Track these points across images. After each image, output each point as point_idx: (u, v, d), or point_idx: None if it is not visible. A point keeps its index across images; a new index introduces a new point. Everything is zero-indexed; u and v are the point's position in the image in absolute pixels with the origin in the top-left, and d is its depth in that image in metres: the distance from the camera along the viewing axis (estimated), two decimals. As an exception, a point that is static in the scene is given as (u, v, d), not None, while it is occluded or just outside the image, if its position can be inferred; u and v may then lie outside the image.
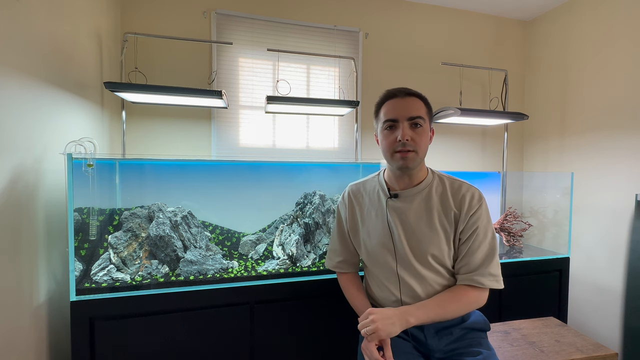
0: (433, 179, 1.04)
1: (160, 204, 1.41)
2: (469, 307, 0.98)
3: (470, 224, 0.98)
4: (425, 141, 0.98)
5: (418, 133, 0.96)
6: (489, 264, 0.97)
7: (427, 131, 0.99)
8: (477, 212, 0.99)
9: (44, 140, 1.17)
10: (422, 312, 0.93)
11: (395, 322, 0.89)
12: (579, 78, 2.27)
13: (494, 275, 0.97)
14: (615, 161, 2.04)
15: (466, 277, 0.98)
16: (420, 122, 0.96)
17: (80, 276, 1.22)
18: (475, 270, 0.97)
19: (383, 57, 2.39)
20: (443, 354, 1.00)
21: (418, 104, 0.98)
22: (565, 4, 2.37)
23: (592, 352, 1.18)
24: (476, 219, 0.98)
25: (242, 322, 1.27)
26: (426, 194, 1.02)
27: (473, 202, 0.99)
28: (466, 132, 2.60)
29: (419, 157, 0.97)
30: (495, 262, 0.98)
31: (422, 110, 0.98)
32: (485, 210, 1.01)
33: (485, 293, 0.99)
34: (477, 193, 1.01)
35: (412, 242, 1.01)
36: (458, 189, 1.01)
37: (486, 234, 0.99)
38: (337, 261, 1.17)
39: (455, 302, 0.96)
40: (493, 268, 0.97)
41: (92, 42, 1.59)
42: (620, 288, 1.99)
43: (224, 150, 2.12)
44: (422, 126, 0.96)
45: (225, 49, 2.09)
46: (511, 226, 1.94)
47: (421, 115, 0.96)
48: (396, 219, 1.02)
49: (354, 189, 1.16)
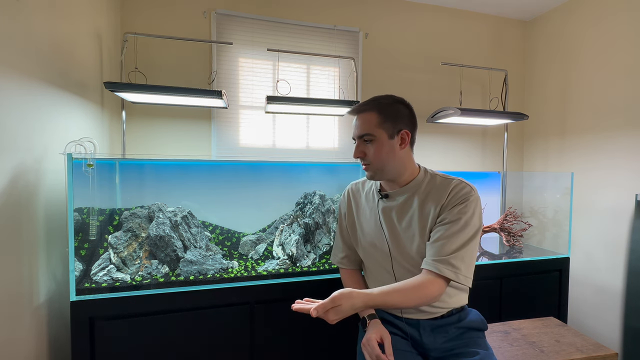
0: (424, 178, 1.03)
1: (160, 204, 1.41)
2: (425, 300, 0.88)
3: (454, 212, 0.93)
4: (378, 153, 0.98)
5: (369, 148, 1.00)
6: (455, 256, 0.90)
7: (380, 143, 0.97)
8: (463, 203, 0.93)
9: (44, 140, 1.17)
10: (365, 296, 0.83)
11: (348, 309, 0.80)
12: (579, 78, 2.27)
13: (456, 267, 0.89)
14: (615, 161, 2.04)
15: (427, 260, 0.92)
16: (368, 138, 0.99)
17: (80, 276, 1.22)
18: (438, 256, 0.90)
19: (383, 57, 2.39)
20: (440, 353, 1.01)
21: (368, 117, 0.99)
22: (565, 4, 2.37)
23: (592, 352, 1.18)
24: (460, 209, 0.93)
25: (242, 322, 1.27)
26: (414, 192, 1.01)
27: (460, 193, 0.95)
28: (466, 132, 2.60)
29: (376, 167, 1.00)
30: (462, 256, 0.90)
31: (372, 123, 0.98)
32: (474, 206, 0.95)
33: (439, 286, 0.89)
34: (467, 188, 0.96)
35: (402, 241, 1.02)
36: (447, 183, 0.98)
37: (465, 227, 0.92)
38: (340, 257, 1.21)
39: (413, 292, 0.87)
40: (458, 261, 0.89)
41: (92, 42, 1.59)
42: (620, 288, 1.99)
43: (224, 150, 2.12)
44: (372, 141, 0.99)
45: (225, 49, 2.09)
46: (511, 226, 1.94)
47: (368, 132, 0.98)
48: (385, 218, 1.05)
49: (354, 187, 1.20)
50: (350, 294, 0.82)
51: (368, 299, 0.83)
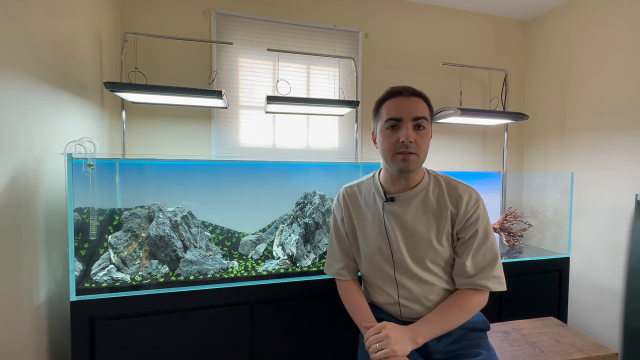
0: (429, 180, 1.03)
1: (160, 204, 1.41)
2: (472, 313, 0.97)
3: (469, 225, 0.97)
4: (427, 144, 0.95)
5: (421, 135, 0.93)
6: (493, 267, 0.96)
7: (429, 133, 0.97)
8: (476, 213, 0.98)
9: (44, 140, 1.17)
10: (428, 329, 0.92)
11: (407, 341, 0.87)
12: (579, 78, 2.27)
13: (498, 277, 0.97)
14: (615, 161, 2.04)
15: (469, 281, 0.97)
16: (424, 123, 0.93)
17: (80, 276, 1.22)
18: (477, 273, 0.96)
19: (383, 57, 2.39)
20: (443, 355, 1.00)
21: (422, 104, 0.95)
22: (565, 4, 2.37)
23: (592, 352, 1.18)
24: (474, 220, 0.97)
25: (242, 322, 1.27)
26: (423, 196, 1.00)
27: (470, 203, 0.98)
28: (466, 132, 2.60)
29: (420, 160, 0.95)
30: (498, 265, 0.98)
31: (426, 111, 0.95)
32: (484, 211, 1.00)
33: (487, 296, 0.98)
34: (474, 194, 1.00)
35: (411, 246, 1.00)
36: (455, 189, 1.00)
37: (487, 236, 0.98)
38: (338, 268, 1.12)
39: (458, 311, 0.95)
40: (497, 270, 0.97)
41: (92, 42, 1.59)
42: (620, 288, 1.99)
43: (224, 150, 2.12)
44: (425, 128, 0.94)
45: (225, 49, 2.09)
46: (511, 226, 1.94)
47: (425, 117, 0.93)
48: (394, 223, 1.01)
49: (349, 191, 1.12)
50: (398, 332, 0.88)
51: (415, 335, 0.90)
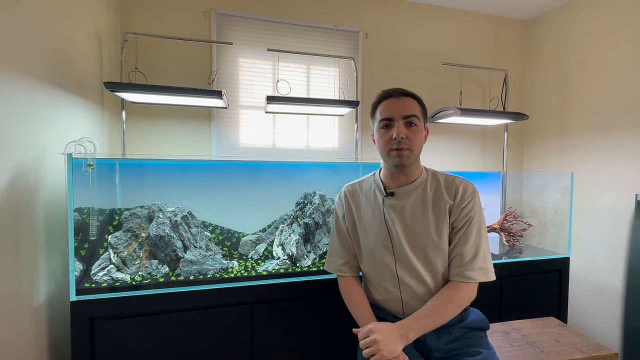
0: (427, 176, 1.07)
1: (160, 204, 1.41)
2: (462, 306, 0.99)
3: (464, 214, 1.00)
4: (419, 139, 1.01)
5: (413, 131, 0.99)
6: (477, 258, 0.98)
7: (421, 130, 1.02)
8: (470, 203, 1.01)
9: (44, 140, 1.17)
10: (419, 324, 0.94)
11: (397, 340, 0.89)
12: (578, 78, 2.27)
13: (483, 268, 0.98)
14: (615, 161, 2.04)
15: (457, 272, 0.99)
16: (414, 120, 0.99)
17: (80, 276, 1.22)
18: (465, 264, 0.98)
19: (383, 57, 2.39)
20: (442, 354, 1.00)
21: (412, 103, 1.01)
22: (565, 4, 2.37)
23: (592, 352, 1.18)
24: (469, 209, 1.00)
25: (242, 322, 1.27)
26: (421, 190, 1.04)
27: (466, 193, 1.02)
28: (466, 132, 2.60)
29: (414, 155, 1.00)
30: (483, 256, 0.99)
31: (417, 109, 1.01)
32: (478, 203, 1.03)
33: (475, 287, 1.00)
34: (470, 186, 1.04)
35: (410, 239, 1.02)
36: (452, 182, 1.04)
37: (479, 227, 1.01)
38: (339, 264, 1.14)
39: (448, 305, 0.96)
40: (481, 262, 0.98)
41: (92, 42, 1.59)
42: (620, 288, 1.99)
43: (224, 150, 2.12)
44: (416, 125, 0.99)
45: (225, 49, 2.09)
46: (511, 226, 1.94)
47: (415, 114, 0.99)
48: (394, 217, 1.03)
49: (350, 189, 1.16)
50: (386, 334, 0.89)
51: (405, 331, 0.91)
